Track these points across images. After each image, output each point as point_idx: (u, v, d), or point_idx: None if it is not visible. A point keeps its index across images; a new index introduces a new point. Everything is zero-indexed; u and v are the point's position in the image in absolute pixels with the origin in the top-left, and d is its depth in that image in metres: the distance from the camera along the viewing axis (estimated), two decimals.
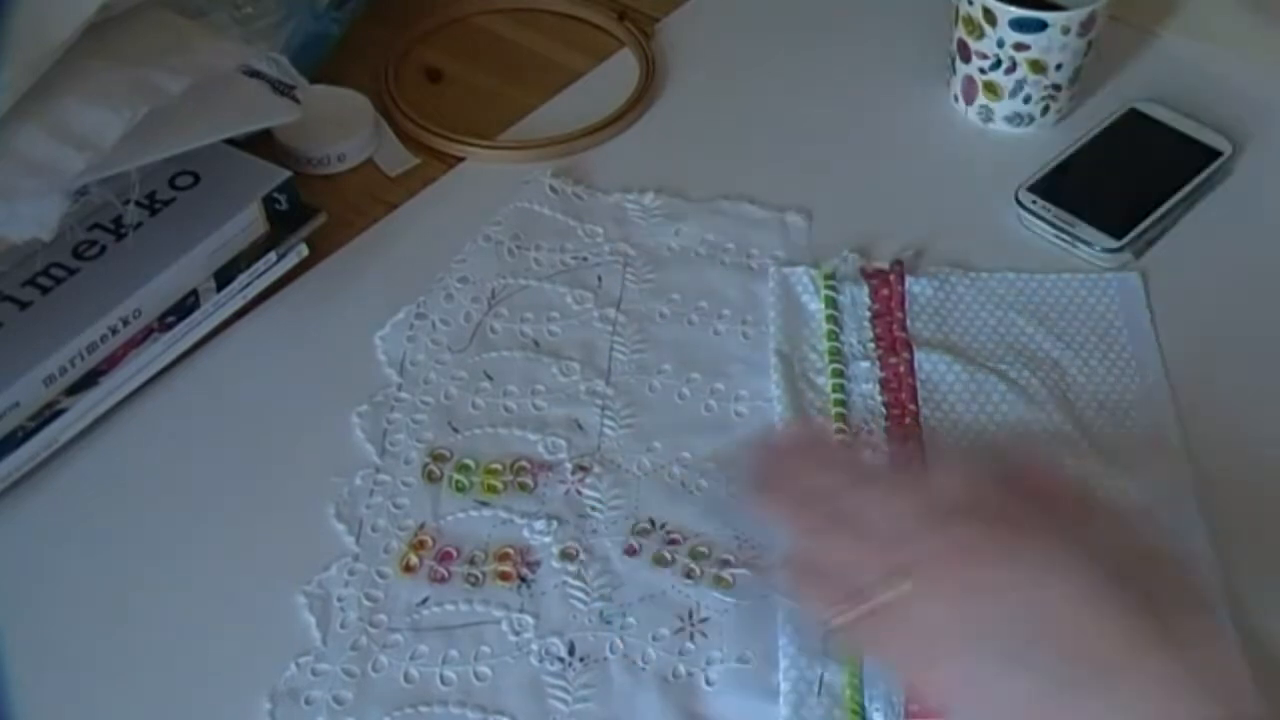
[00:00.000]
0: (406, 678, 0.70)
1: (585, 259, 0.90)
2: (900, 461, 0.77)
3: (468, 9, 1.08)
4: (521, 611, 0.72)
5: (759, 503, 0.66)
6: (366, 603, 0.72)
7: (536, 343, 0.85)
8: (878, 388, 0.81)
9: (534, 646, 0.71)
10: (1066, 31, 0.92)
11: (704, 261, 0.89)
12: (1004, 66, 0.95)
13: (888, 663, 0.63)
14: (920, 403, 0.80)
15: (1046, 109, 0.97)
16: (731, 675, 0.70)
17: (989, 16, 0.93)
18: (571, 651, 0.71)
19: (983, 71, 0.96)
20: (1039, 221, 0.90)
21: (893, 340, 0.83)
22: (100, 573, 0.74)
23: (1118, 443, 0.78)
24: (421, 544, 0.75)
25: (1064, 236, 0.90)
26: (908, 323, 0.84)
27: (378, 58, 1.02)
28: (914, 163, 0.96)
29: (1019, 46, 0.93)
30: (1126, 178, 0.94)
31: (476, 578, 0.74)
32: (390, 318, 0.85)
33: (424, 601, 0.73)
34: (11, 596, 0.72)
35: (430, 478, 0.78)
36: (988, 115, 0.98)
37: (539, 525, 0.76)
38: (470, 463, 0.79)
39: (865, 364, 0.82)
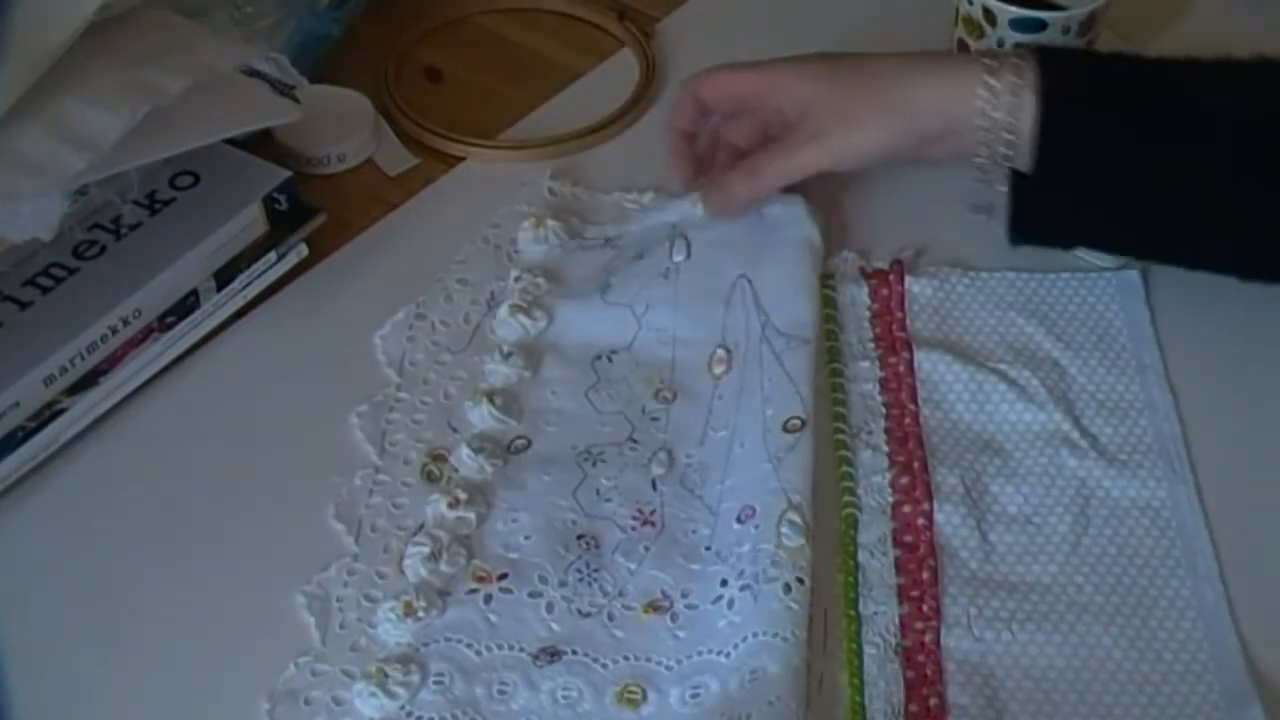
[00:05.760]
0: None
1: None
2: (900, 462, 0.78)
3: (468, 9, 1.08)
4: None
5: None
6: (366, 603, 0.72)
7: None
8: (877, 387, 0.81)
9: None
10: (1066, 31, 0.92)
11: None
12: None
13: None
14: (920, 402, 0.80)
15: None
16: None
17: (989, 16, 0.93)
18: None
19: None
20: None
21: (892, 340, 0.83)
22: (100, 572, 0.74)
23: (1118, 443, 0.78)
24: None
25: None
26: (907, 322, 0.84)
27: (378, 58, 1.02)
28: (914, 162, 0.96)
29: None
30: None
31: None
32: (390, 318, 0.85)
33: None
34: (11, 596, 0.72)
35: (430, 478, 0.78)
36: None
37: None
38: None
39: (865, 364, 0.82)
